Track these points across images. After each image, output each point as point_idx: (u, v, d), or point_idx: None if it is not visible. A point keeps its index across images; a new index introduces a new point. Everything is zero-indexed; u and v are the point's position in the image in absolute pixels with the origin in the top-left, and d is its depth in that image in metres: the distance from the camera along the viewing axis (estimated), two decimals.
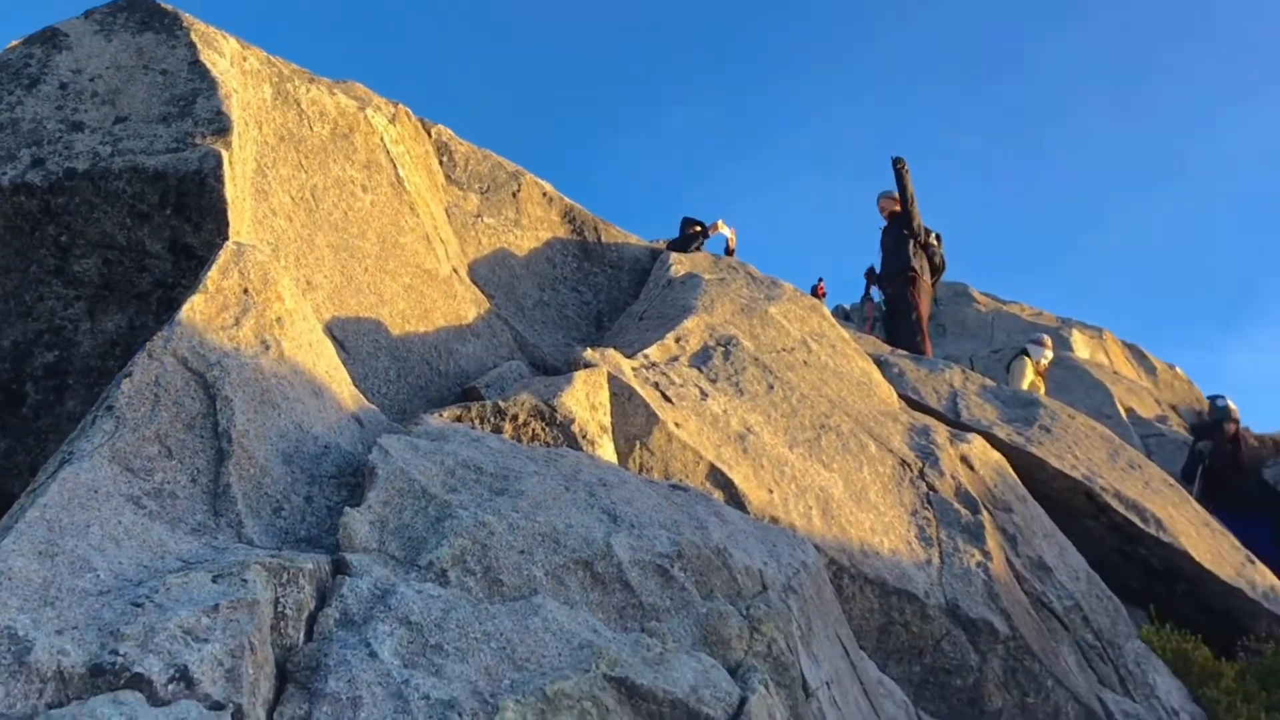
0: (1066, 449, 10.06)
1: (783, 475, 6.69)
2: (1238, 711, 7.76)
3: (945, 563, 6.77)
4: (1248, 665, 8.54)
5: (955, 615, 6.29)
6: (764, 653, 3.88)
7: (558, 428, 5.50)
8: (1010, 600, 6.74)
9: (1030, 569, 7.57)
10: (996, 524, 7.79)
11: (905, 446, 8.09)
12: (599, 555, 3.78)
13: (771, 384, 7.74)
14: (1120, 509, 9.41)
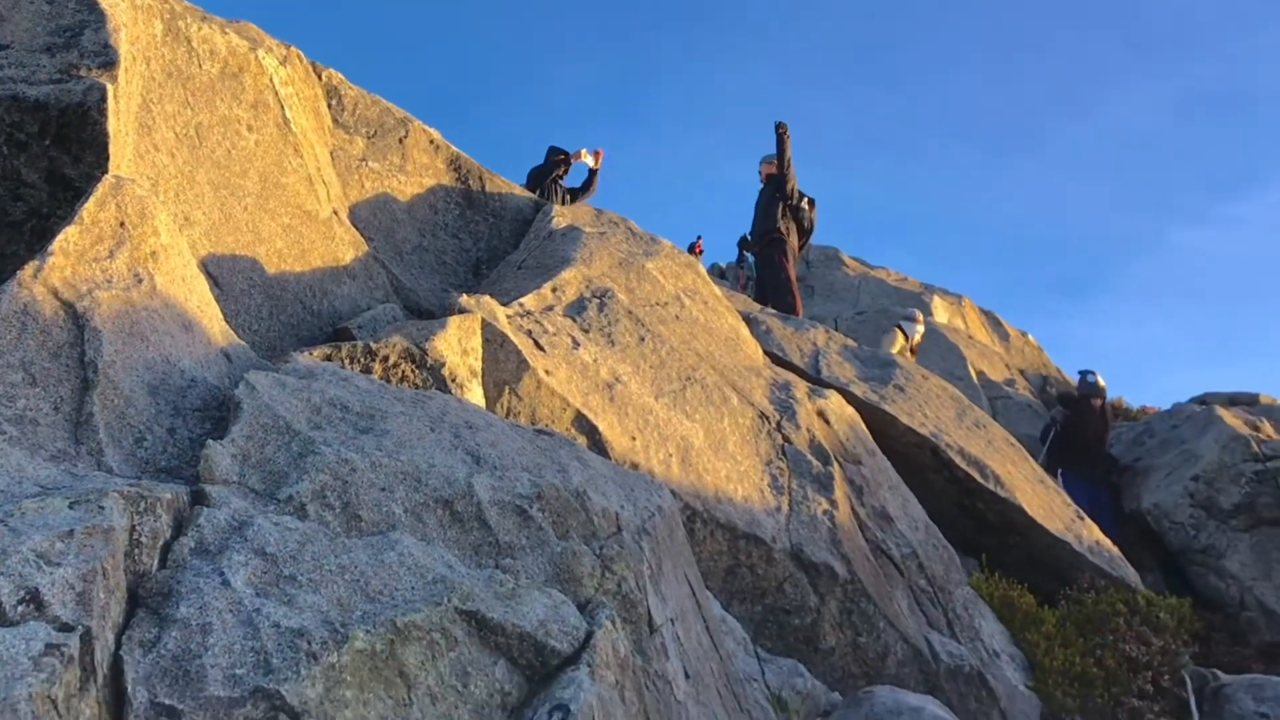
0: (917, 407, 10.23)
1: (646, 424, 6.72)
2: (1055, 655, 8.00)
3: (794, 510, 6.86)
4: (1068, 612, 8.79)
5: (799, 559, 6.39)
6: (614, 590, 3.90)
7: (428, 370, 5.46)
8: (852, 547, 6.86)
9: (873, 518, 7.70)
10: (845, 475, 7.91)
11: (766, 400, 8.17)
12: (459, 495, 3.76)
13: (643, 336, 7.75)
14: (963, 465, 9.61)
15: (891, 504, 8.10)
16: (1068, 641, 8.28)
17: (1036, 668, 7.90)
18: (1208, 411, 14.30)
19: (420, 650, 2.97)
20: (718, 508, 6.40)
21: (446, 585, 3.24)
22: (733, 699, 4.81)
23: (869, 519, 7.66)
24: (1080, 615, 8.74)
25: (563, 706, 3.08)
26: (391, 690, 2.84)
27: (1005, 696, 7.12)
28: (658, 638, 4.13)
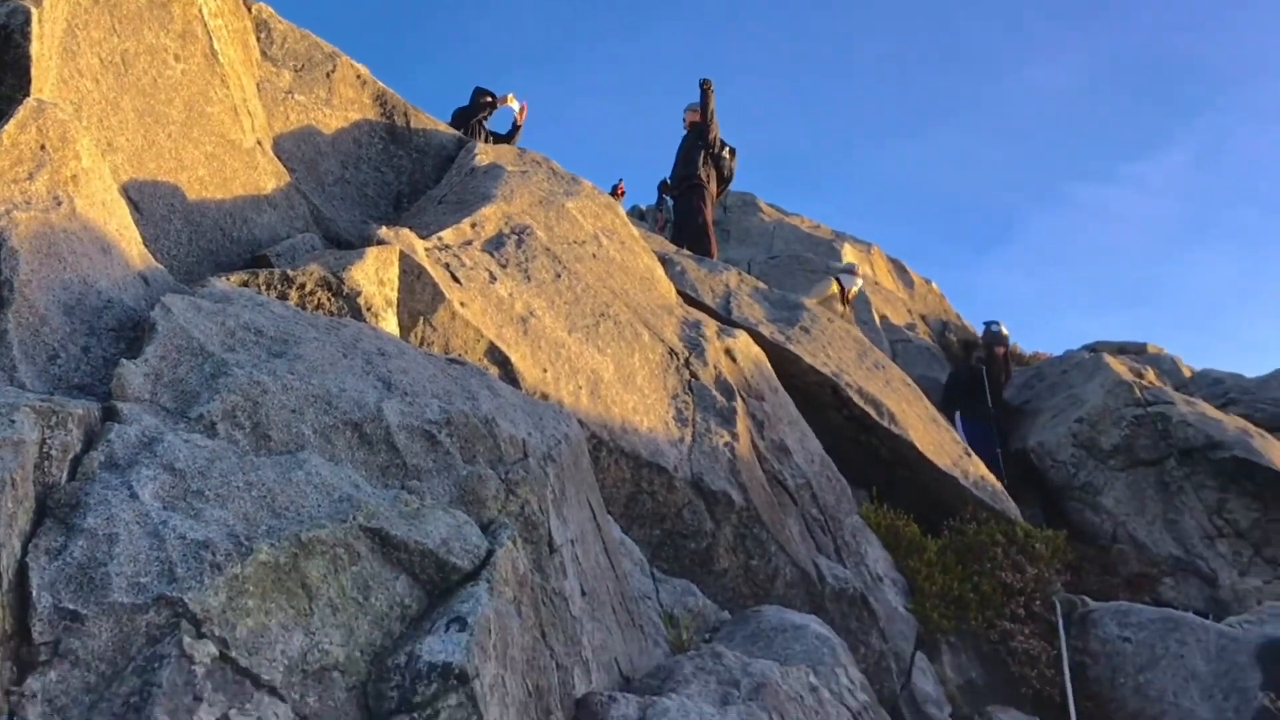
0: (821, 348, 10.34)
1: (558, 356, 6.75)
2: (934, 580, 8.20)
3: (696, 441, 6.94)
4: (950, 541, 9.00)
5: (699, 488, 6.47)
6: (517, 512, 3.94)
7: (344, 299, 5.44)
8: (750, 477, 6.96)
9: (772, 450, 7.81)
10: (748, 410, 8.00)
11: (676, 338, 8.22)
12: (369, 418, 3.77)
13: (559, 273, 7.76)
14: (860, 403, 9.76)
15: (790, 438, 8.21)
16: (948, 568, 8.48)
17: (917, 592, 8.09)
18: (1096, 358, 14.59)
19: (323, 564, 2.99)
20: (623, 438, 6.46)
21: (352, 503, 3.26)
22: (627, 615, 4.89)
23: (768, 451, 7.76)
24: (961, 544, 8.95)
25: (460, 619, 3.12)
26: (293, 601, 2.86)
27: (885, 617, 7.29)
28: (557, 557, 4.19)
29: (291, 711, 2.67)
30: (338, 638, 2.89)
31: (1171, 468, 12.14)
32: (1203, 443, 12.27)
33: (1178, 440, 12.34)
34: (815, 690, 4.80)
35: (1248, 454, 12.07)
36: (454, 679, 2.88)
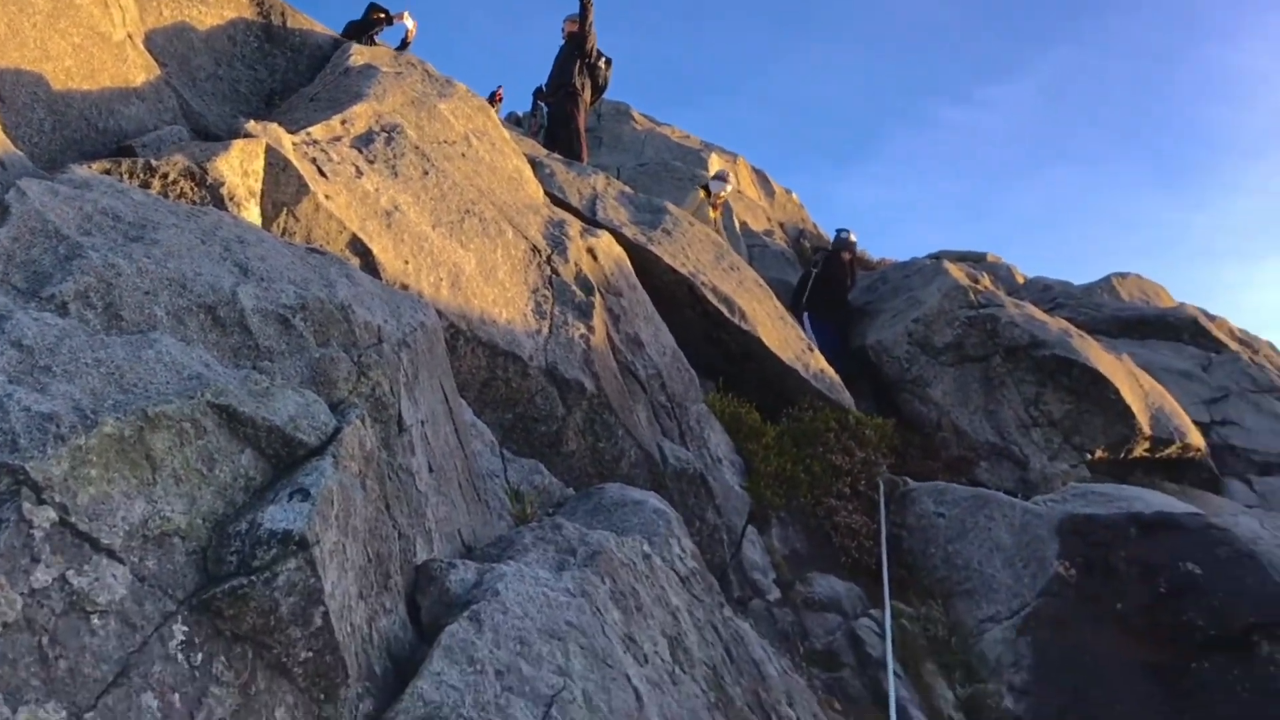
0: (680, 250, 10.41)
1: (421, 250, 6.71)
2: (770, 462, 8.41)
3: (553, 333, 6.99)
4: (787, 428, 9.22)
5: (552, 375, 6.53)
6: (368, 394, 3.95)
7: (207, 189, 5.34)
8: (603, 366, 7.04)
9: (626, 343, 7.90)
10: (606, 305, 8.06)
11: (540, 236, 8.22)
12: (223, 302, 3.74)
13: (428, 170, 7.68)
14: (714, 301, 9.87)
15: (644, 332, 8.30)
16: (783, 451, 8.71)
17: (753, 472, 8.30)
18: (937, 264, 14.88)
19: (169, 437, 2.98)
20: (481, 328, 6.48)
21: (201, 381, 3.24)
22: (473, 491, 4.96)
23: (622, 344, 7.85)
24: (798, 430, 9.18)
25: (304, 490, 3.14)
26: (136, 471, 2.85)
27: (721, 495, 7.48)
28: (406, 436, 4.22)
29: (130, 573, 2.68)
30: (180, 506, 2.89)
31: (997, 364, 12.50)
32: (1027, 342, 12.63)
33: (1004, 339, 12.69)
34: (648, 558, 4.93)
35: (1066, 352, 12.47)
36: (294, 545, 2.91)
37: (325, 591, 2.96)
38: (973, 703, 7.60)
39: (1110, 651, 7.94)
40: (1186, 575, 8.48)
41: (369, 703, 3.12)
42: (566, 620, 3.91)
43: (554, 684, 3.55)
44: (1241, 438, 14.21)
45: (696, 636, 4.79)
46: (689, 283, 9.91)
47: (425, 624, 3.66)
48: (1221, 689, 7.79)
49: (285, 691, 2.90)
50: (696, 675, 4.52)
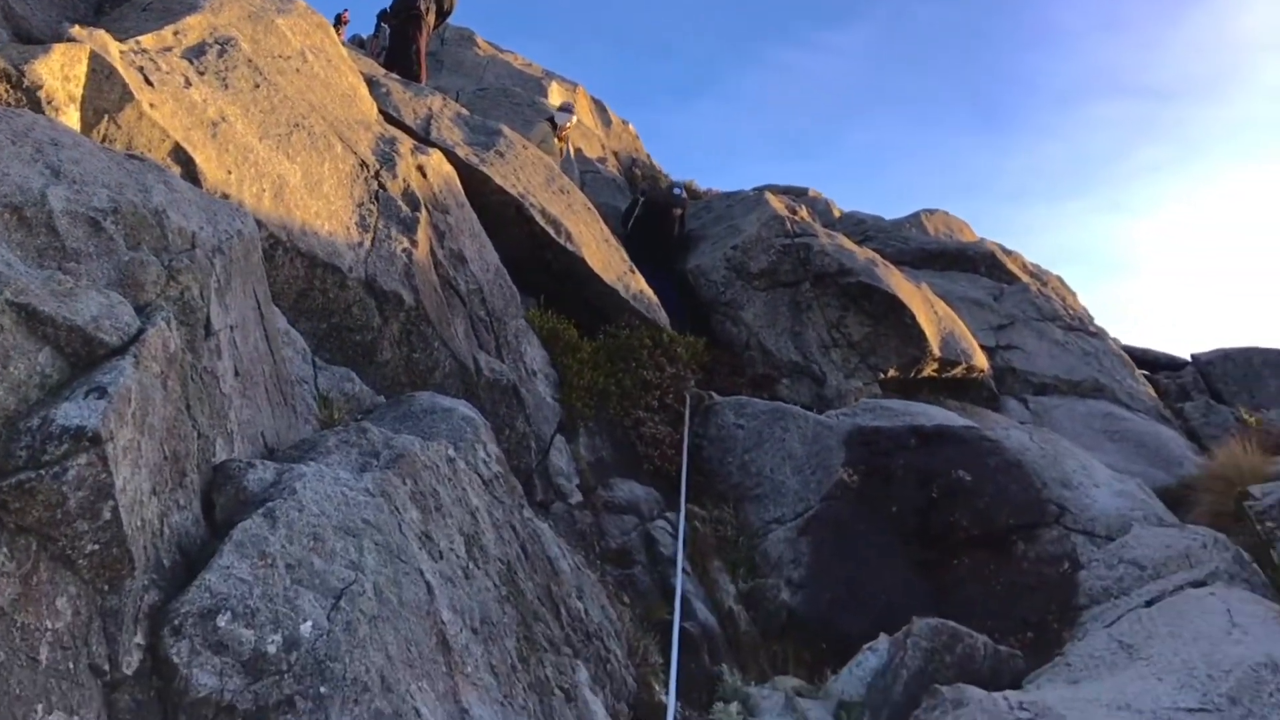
0: (512, 172, 10.34)
1: (246, 161, 6.53)
2: (584, 376, 8.50)
3: (376, 246, 6.90)
4: (603, 344, 9.31)
5: (371, 287, 6.46)
6: (176, 298, 3.87)
7: (23, 91, 5.10)
8: (423, 280, 6.99)
9: (449, 258, 7.85)
10: (432, 222, 7.98)
11: (370, 152, 8.07)
12: (31, 203, 3.60)
13: (259, 84, 7.45)
14: (542, 222, 9.86)
15: (469, 249, 8.26)
16: (598, 366, 8.81)
17: (566, 385, 8.37)
18: (759, 196, 15.07)
19: None
20: (302, 239, 6.35)
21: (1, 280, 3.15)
22: (280, 396, 4.91)
23: (445, 259, 7.79)
24: (613, 346, 9.28)
25: (100, 388, 3.08)
26: None
27: (533, 405, 7.55)
28: (213, 340, 4.15)
29: None
30: None
31: (806, 290, 12.80)
32: (835, 269, 12.94)
33: (815, 267, 12.98)
34: (453, 461, 4.97)
35: (870, 280, 12.84)
36: (86, 441, 2.86)
37: (116, 487, 2.93)
38: (752, 595, 7.91)
39: (883, 550, 8.33)
40: (958, 481, 8.91)
41: (155, 594, 3.10)
42: (364, 518, 3.93)
43: (345, 577, 3.57)
44: (1022, 361, 14.88)
45: (494, 535, 4.86)
46: (518, 203, 9.87)
47: (219, 521, 3.63)
48: (979, 581, 8.25)
49: (68, 582, 2.87)
50: (490, 571, 4.60)
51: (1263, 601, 7.74)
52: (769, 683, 6.88)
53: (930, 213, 21.93)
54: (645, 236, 13.80)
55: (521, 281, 9.14)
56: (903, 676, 6.52)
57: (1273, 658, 6.67)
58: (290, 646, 3.15)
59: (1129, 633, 7.57)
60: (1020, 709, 6.25)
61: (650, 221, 14.14)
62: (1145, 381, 16.18)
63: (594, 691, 4.87)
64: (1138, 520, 9.66)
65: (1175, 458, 12.81)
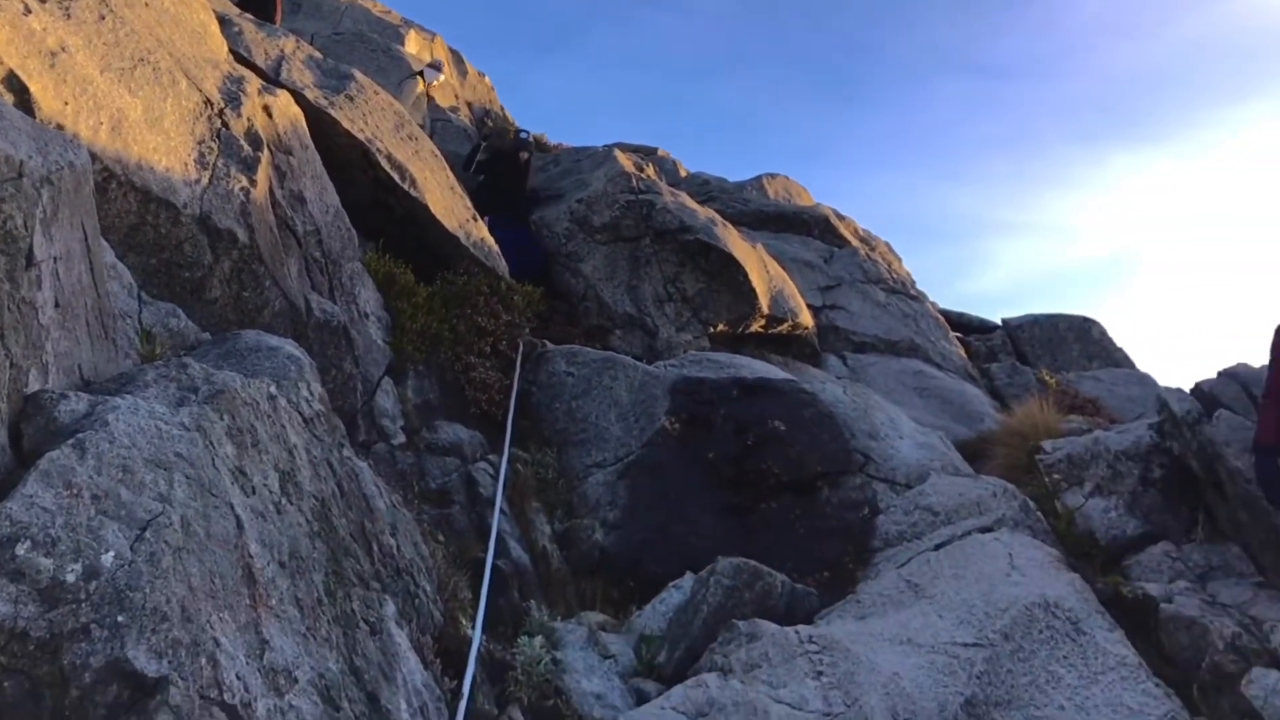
0: (361, 116, 10.15)
1: (84, 93, 6.29)
2: (417, 320, 8.42)
3: (214, 184, 6.73)
4: (440, 289, 9.23)
5: (205, 224, 6.31)
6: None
7: None
8: (259, 220, 6.85)
9: (288, 199, 7.70)
10: (274, 162, 7.81)
11: (216, 90, 7.83)
12: None
13: (104, 15, 7.15)
14: (387, 167, 9.72)
15: (310, 190, 8.11)
16: (433, 311, 8.73)
17: (399, 329, 8.28)
18: (608, 152, 15.06)
19: None
20: (137, 174, 6.16)
21: None
22: (101, 329, 4.78)
23: (284, 199, 7.64)
24: (449, 292, 9.21)
25: None
26: None
27: (363, 347, 7.50)
28: (34, 271, 4.03)
29: None
30: None
31: (646, 245, 12.90)
32: (676, 226, 13.06)
33: (656, 223, 13.07)
34: (274, 399, 4.93)
35: (709, 238, 13.00)
36: None
37: None
38: (568, 536, 8.03)
39: (697, 494, 8.55)
40: (773, 431, 9.17)
41: None
42: (176, 452, 3.89)
43: (153, 509, 3.54)
44: (845, 320, 15.28)
45: (310, 472, 4.85)
46: (364, 148, 9.70)
47: (27, 451, 3.56)
48: (784, 523, 8.54)
49: None
50: (304, 507, 4.59)
51: (1042, 547, 8.16)
52: (575, 618, 7.02)
53: (772, 177, 22.28)
54: (494, 183, 13.66)
55: (363, 225, 9.02)
56: (703, 612, 6.73)
57: (1046, 597, 7.07)
58: (90, 576, 3.13)
59: (918, 573, 7.92)
60: (809, 642, 6.51)
61: (497, 167, 13.97)
62: (958, 343, 16.78)
63: (400, 625, 4.92)
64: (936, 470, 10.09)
65: (978, 414, 13.30)
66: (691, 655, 6.47)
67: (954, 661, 6.46)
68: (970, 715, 6.08)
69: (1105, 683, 6.43)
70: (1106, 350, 18.81)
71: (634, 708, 5.93)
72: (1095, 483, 9.36)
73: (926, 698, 6.13)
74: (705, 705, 5.71)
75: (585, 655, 6.34)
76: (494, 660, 5.98)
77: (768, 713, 5.71)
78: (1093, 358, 18.52)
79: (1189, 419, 8.69)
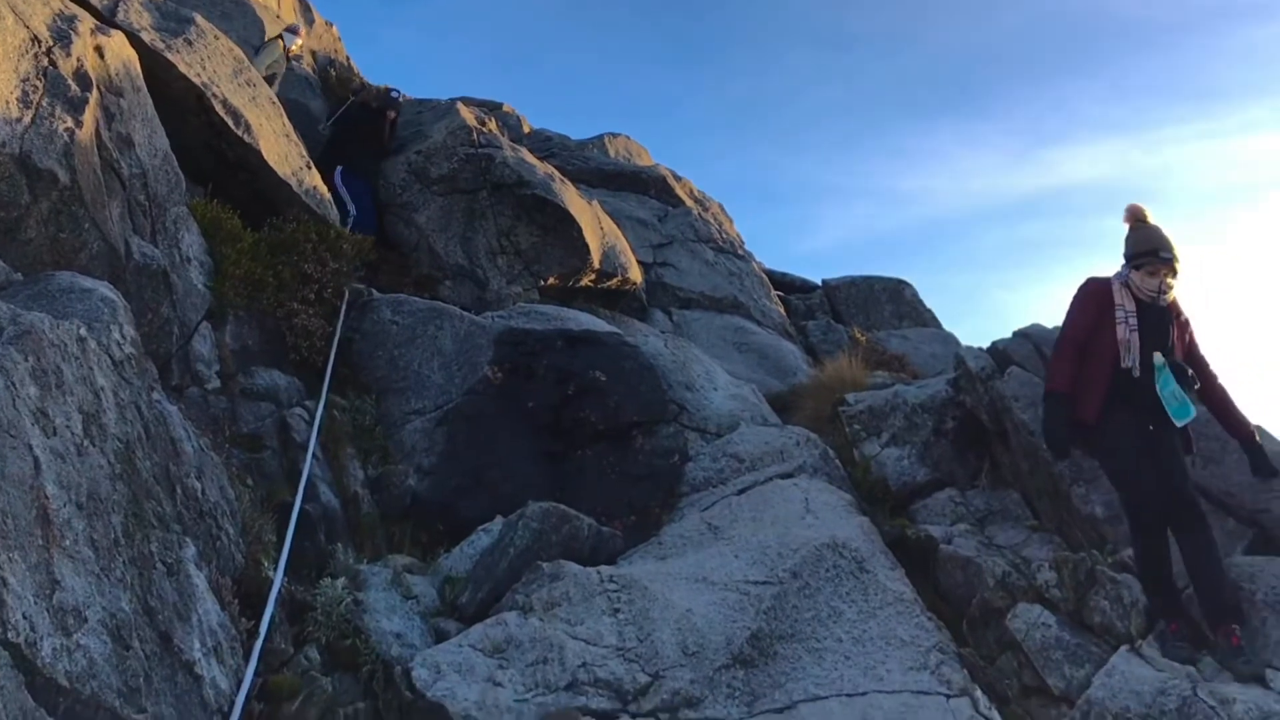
0: (199, 61, 9.79)
1: None
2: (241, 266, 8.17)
3: (36, 124, 6.44)
4: (266, 235, 8.96)
5: (24, 164, 6.04)
6: None
7: None
8: (83, 161, 6.59)
9: (116, 142, 7.41)
10: (103, 104, 7.50)
11: (44, 27, 7.46)
12: None
13: None
14: (221, 113, 9.42)
15: (139, 133, 7.81)
16: (258, 257, 8.48)
17: (222, 274, 7.98)
18: (450, 105, 14.77)
19: None
20: None
21: None
22: None
23: (111, 142, 7.35)
24: (277, 239, 8.93)
25: None
26: None
27: (182, 292, 7.27)
28: None
29: None
30: None
31: (483, 198, 12.73)
32: (514, 180, 12.93)
33: (495, 177, 12.92)
34: (83, 341, 4.82)
35: (546, 193, 12.93)
36: None
37: None
38: (380, 481, 7.94)
39: (514, 442, 8.59)
40: (594, 381, 9.25)
41: None
42: None
43: None
44: (673, 277, 15.45)
45: (116, 415, 4.77)
46: (200, 92, 9.37)
47: None
48: (597, 471, 8.66)
49: None
50: (107, 449, 4.52)
51: (837, 492, 8.46)
52: (382, 561, 7.00)
53: (614, 136, 22.26)
54: (356, 135, 13.23)
55: (194, 170, 8.74)
56: (510, 554, 6.80)
57: (835, 538, 7.36)
58: None
59: (719, 516, 8.16)
60: (609, 581, 6.68)
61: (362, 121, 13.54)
62: (779, 302, 17.12)
63: (199, 567, 4.89)
64: (746, 420, 10.37)
65: (791, 368, 13.64)
66: (495, 596, 6.53)
67: (744, 598, 6.68)
68: (754, 647, 6.28)
69: (882, 617, 6.70)
70: (917, 311, 19.37)
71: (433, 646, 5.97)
72: (892, 433, 9.73)
73: (715, 631, 6.34)
74: (503, 642, 5.84)
75: (388, 596, 6.33)
76: (295, 601, 5.94)
77: (563, 648, 5.88)
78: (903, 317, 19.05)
79: (983, 375, 9.05)
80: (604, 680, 5.75)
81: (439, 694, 5.36)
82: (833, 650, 6.36)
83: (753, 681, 6.09)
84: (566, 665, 5.78)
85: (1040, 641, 6.52)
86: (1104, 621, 6.54)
